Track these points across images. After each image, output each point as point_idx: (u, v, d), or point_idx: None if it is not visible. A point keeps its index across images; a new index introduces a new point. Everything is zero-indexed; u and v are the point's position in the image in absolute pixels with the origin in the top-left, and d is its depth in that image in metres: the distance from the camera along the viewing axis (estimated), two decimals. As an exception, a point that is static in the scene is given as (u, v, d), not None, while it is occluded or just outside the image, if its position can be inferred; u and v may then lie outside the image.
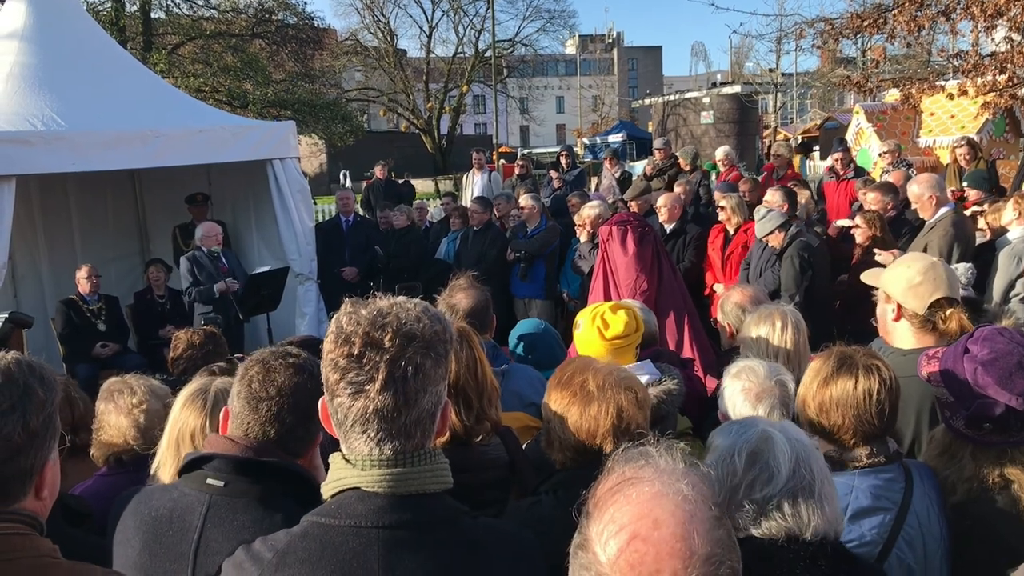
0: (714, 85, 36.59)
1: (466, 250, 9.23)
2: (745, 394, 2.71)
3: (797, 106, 40.56)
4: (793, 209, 7.40)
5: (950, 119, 14.54)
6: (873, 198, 7.37)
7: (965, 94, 11.53)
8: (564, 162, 13.58)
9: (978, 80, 10.92)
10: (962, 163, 10.18)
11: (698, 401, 3.64)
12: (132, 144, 7.68)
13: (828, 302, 6.98)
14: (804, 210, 8.33)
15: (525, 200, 9.24)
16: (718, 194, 8.86)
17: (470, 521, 1.72)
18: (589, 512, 1.28)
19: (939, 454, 2.54)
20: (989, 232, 6.60)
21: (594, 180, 17.44)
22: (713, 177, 13.02)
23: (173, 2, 29.34)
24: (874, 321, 3.82)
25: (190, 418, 2.39)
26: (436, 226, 11.67)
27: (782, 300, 6.48)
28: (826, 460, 2.31)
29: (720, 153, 12.46)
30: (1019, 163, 11.45)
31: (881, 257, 6.23)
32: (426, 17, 50.32)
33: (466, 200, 12.80)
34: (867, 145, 14.76)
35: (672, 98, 33.38)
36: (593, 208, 8.36)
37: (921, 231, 6.45)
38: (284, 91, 29.95)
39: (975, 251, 6.33)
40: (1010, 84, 10.93)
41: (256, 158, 8.61)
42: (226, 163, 8.72)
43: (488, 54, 43.59)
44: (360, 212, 13.18)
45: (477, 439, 2.52)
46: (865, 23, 11.22)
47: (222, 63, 28.65)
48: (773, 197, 7.44)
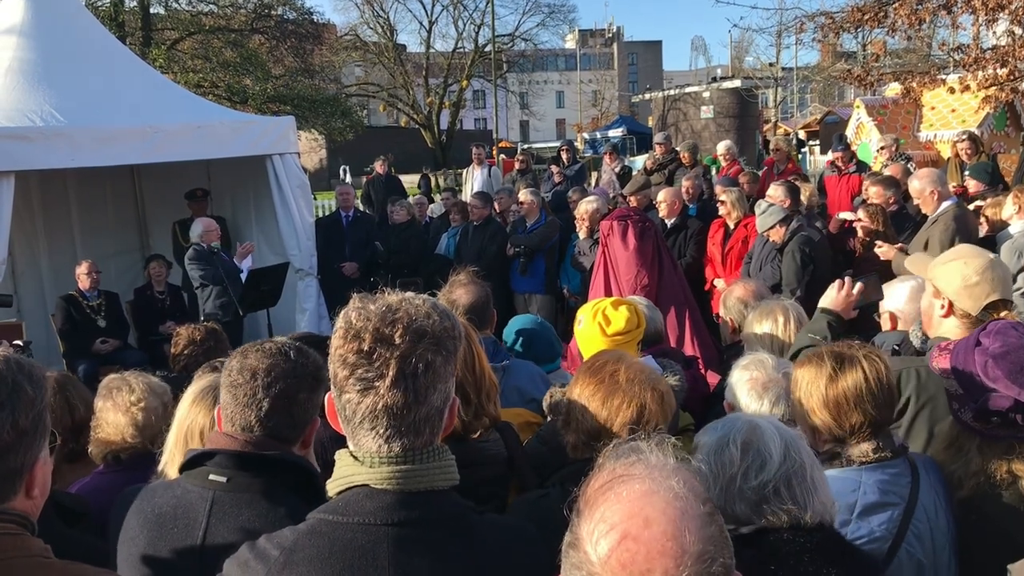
0: (714, 80, 36.51)
1: (466, 245, 9.22)
2: (752, 383, 2.73)
3: (797, 100, 40.53)
4: (796, 204, 7.37)
5: (951, 113, 14.52)
6: (875, 192, 7.35)
7: (966, 88, 11.52)
8: (565, 157, 13.58)
9: (979, 74, 10.92)
10: (963, 157, 10.16)
11: (701, 398, 3.63)
12: (131, 140, 7.67)
13: (829, 297, 6.96)
14: (808, 203, 8.32)
15: (524, 195, 9.23)
16: (719, 188, 8.85)
17: (477, 518, 1.71)
18: (580, 510, 1.27)
19: (946, 447, 2.53)
20: (987, 226, 6.59)
21: (594, 175, 17.44)
22: (714, 172, 13.01)
23: (172, -3, 29.33)
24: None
25: (199, 416, 2.38)
26: (436, 221, 11.66)
27: (783, 295, 6.49)
28: (832, 457, 2.35)
29: (721, 147, 12.45)
30: (1020, 157, 11.42)
31: (882, 251, 6.20)
32: (426, 12, 50.36)
33: (466, 195, 12.79)
34: (867, 139, 14.74)
35: (672, 93, 33.33)
36: (591, 203, 8.35)
37: (924, 225, 6.42)
38: (284, 86, 29.90)
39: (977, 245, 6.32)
40: (1011, 78, 10.93)
41: (256, 153, 8.60)
42: (226, 159, 8.71)
43: (488, 49, 43.58)
44: (360, 207, 13.17)
45: (475, 435, 2.51)
46: (866, 17, 11.21)
47: (221, 58, 28.61)
48: (776, 192, 7.42)
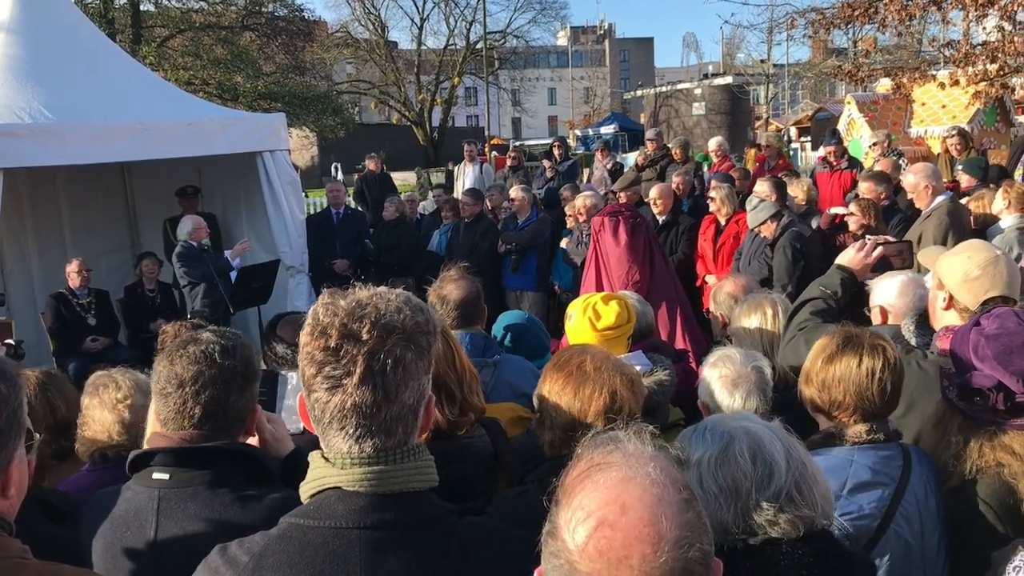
0: (705, 76, 36.53)
1: (458, 242, 9.21)
2: (722, 381, 2.73)
3: (788, 97, 40.58)
4: (783, 200, 7.39)
5: (941, 109, 14.57)
6: (867, 188, 7.37)
7: (956, 84, 11.56)
8: (557, 153, 13.59)
9: (969, 69, 10.95)
10: (953, 153, 10.19)
11: (692, 393, 3.63)
12: (122, 137, 7.64)
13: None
14: (807, 198, 8.33)
15: (516, 192, 9.23)
16: (714, 184, 8.86)
17: (455, 520, 1.67)
18: (558, 500, 1.27)
19: (934, 426, 2.56)
20: (972, 219, 6.61)
21: (586, 172, 17.44)
22: (705, 168, 13.03)
23: (162, -6, 29.19)
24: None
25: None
26: (428, 218, 11.65)
27: (774, 290, 6.50)
28: (826, 436, 2.42)
29: (713, 144, 12.46)
30: (1009, 152, 11.47)
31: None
32: (417, 9, 50.31)
33: (458, 192, 12.79)
34: (859, 135, 14.79)
35: (664, 89, 33.38)
36: (589, 198, 8.37)
37: (917, 219, 6.43)
38: (274, 83, 29.83)
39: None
40: (1001, 73, 10.96)
41: (246, 150, 8.56)
42: (216, 155, 8.68)
43: (479, 46, 43.53)
44: (352, 205, 13.14)
45: (461, 432, 2.49)
46: (856, 12, 11.22)
47: (212, 55, 28.50)
48: (762, 187, 7.43)
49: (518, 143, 40.83)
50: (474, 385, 2.56)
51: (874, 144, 10.58)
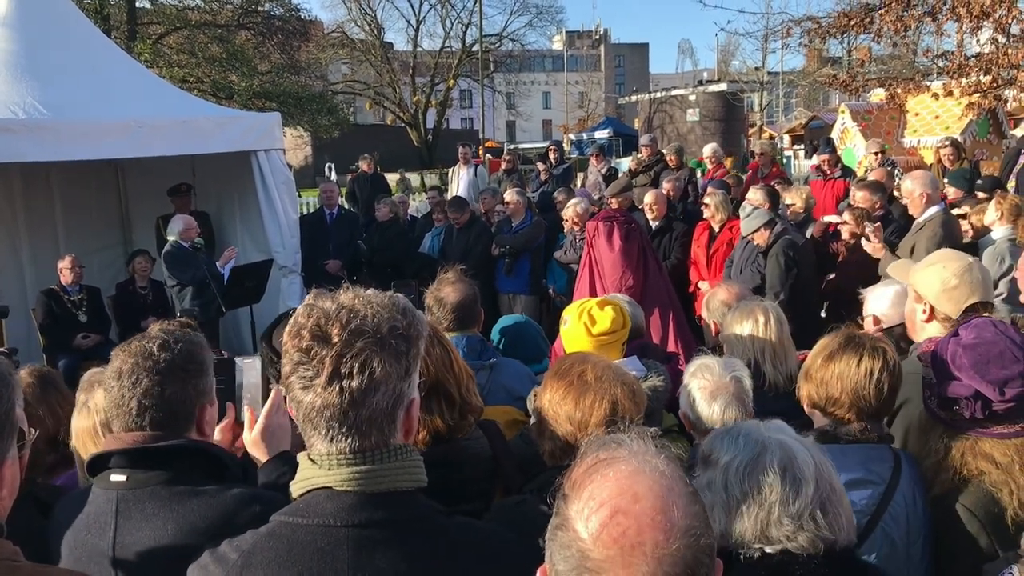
0: (700, 83, 36.73)
1: (451, 245, 9.20)
2: (701, 392, 2.74)
3: (782, 105, 40.69)
4: (775, 207, 7.42)
5: (935, 119, 14.65)
6: (861, 196, 7.40)
7: (950, 95, 11.62)
8: (552, 156, 13.60)
9: (963, 81, 11.00)
10: (946, 163, 10.24)
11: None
12: (116, 134, 7.60)
13: (813, 300, 7.00)
14: (805, 205, 8.35)
15: (510, 195, 9.23)
16: (710, 190, 8.88)
17: (444, 520, 1.67)
18: (566, 494, 1.29)
19: (917, 438, 2.59)
20: (972, 232, 6.64)
21: (580, 176, 17.47)
22: (699, 174, 13.06)
23: (158, -9, 29.15)
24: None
25: None
26: (422, 220, 11.63)
27: (767, 298, 6.51)
28: (821, 434, 2.45)
29: (708, 150, 12.49)
30: (1000, 163, 11.52)
31: (871, 246, 6.22)
32: (413, 10, 50.39)
33: (451, 195, 12.78)
34: (852, 144, 14.85)
35: (658, 95, 33.51)
36: (579, 204, 8.39)
37: (911, 230, 6.44)
38: (270, 83, 29.83)
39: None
40: (994, 85, 11.01)
41: (240, 149, 8.54)
42: (210, 154, 8.65)
43: (475, 48, 43.60)
44: (345, 205, 13.12)
45: (461, 434, 2.49)
46: (852, 22, 11.27)
47: (207, 54, 28.50)
48: (755, 195, 7.46)
49: (512, 146, 40.88)
50: (471, 385, 2.56)
51: (876, 153, 10.61)
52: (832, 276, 7.24)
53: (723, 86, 31.82)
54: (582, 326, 3.25)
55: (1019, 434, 2.33)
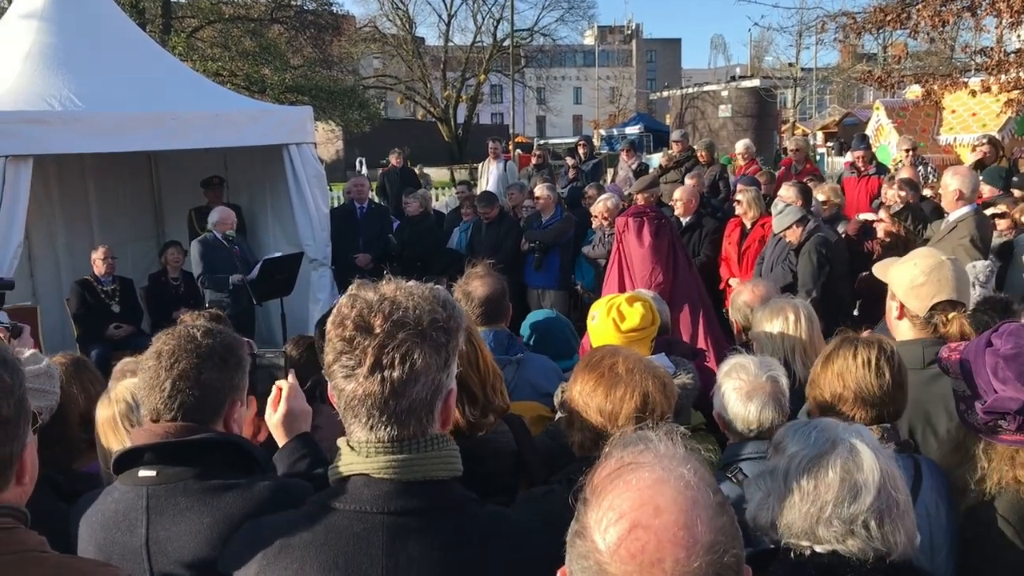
0: (733, 79, 36.40)
1: (480, 239, 9.20)
2: (737, 392, 2.70)
3: (816, 101, 40.29)
4: (808, 205, 7.33)
5: (972, 117, 14.42)
6: (892, 195, 7.30)
7: (988, 91, 11.43)
8: (582, 151, 13.56)
9: (1002, 77, 10.81)
10: (984, 161, 10.07)
11: (707, 392, 3.61)
12: (149, 126, 7.69)
13: (845, 298, 6.92)
14: (830, 203, 8.26)
15: (540, 190, 9.21)
16: (740, 186, 8.81)
17: (477, 508, 1.71)
18: (587, 499, 1.25)
19: (953, 450, 2.53)
20: (1015, 229, 6.52)
21: (610, 171, 17.40)
22: (730, 170, 12.96)
23: (193, -15, 29.40)
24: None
25: None
26: (452, 214, 11.64)
27: (799, 295, 6.44)
28: None
29: (740, 147, 12.39)
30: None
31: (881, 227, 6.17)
32: (445, 5, 50.37)
33: (481, 189, 12.78)
34: (887, 141, 14.65)
35: (690, 91, 33.26)
36: (609, 199, 8.36)
37: (941, 228, 6.32)
38: (302, 77, 29.95)
39: (996, 250, 6.26)
40: (1034, 82, 10.81)
41: (272, 142, 8.60)
42: (242, 147, 8.72)
43: (506, 43, 43.51)
44: (375, 199, 13.16)
45: (482, 432, 2.50)
46: (888, 17, 11.11)
47: (241, 48, 28.65)
48: (787, 192, 7.38)
49: (542, 141, 40.82)
50: (497, 384, 2.55)
51: (908, 150, 10.46)
52: (866, 274, 7.15)
53: (756, 82, 31.50)
54: (611, 322, 3.23)
55: None
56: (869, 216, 7.50)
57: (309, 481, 2.10)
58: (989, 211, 6.89)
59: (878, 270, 3.41)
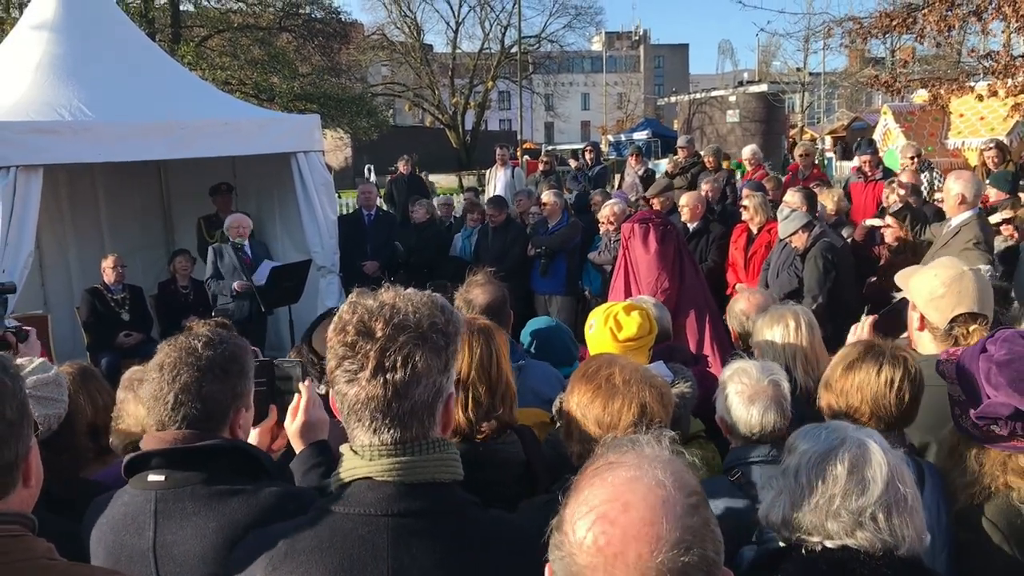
0: (740, 84, 36.40)
1: (486, 246, 9.23)
2: (739, 396, 2.72)
3: (824, 106, 40.18)
4: (812, 210, 7.33)
5: (979, 121, 14.37)
6: (895, 199, 7.29)
7: (995, 95, 11.39)
8: (588, 157, 13.58)
9: (1009, 81, 10.79)
10: (990, 166, 10.05)
11: (708, 396, 3.61)
12: (159, 135, 7.75)
13: (851, 304, 6.91)
14: (836, 208, 8.26)
15: (547, 196, 9.23)
16: (745, 192, 8.81)
17: (479, 512, 1.73)
18: (569, 494, 1.31)
19: (947, 455, 2.54)
20: (1015, 237, 6.50)
21: (617, 177, 17.42)
22: (738, 176, 12.95)
23: (202, -6, 29.57)
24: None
25: None
26: (459, 221, 11.67)
27: (804, 301, 6.44)
28: None
29: (747, 152, 12.37)
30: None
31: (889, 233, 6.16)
32: (453, 12, 50.61)
33: (488, 196, 12.79)
34: (895, 146, 14.61)
35: (698, 96, 33.25)
36: (616, 204, 8.38)
37: (943, 233, 6.27)
38: (310, 85, 30.09)
39: (1000, 255, 6.24)
40: (1042, 86, 10.78)
41: (281, 151, 8.66)
42: (251, 155, 8.78)
43: (514, 50, 43.64)
44: (383, 207, 13.20)
45: (480, 436, 2.51)
46: (894, 22, 11.10)
47: (249, 56, 28.80)
48: (792, 198, 7.37)
49: (550, 147, 40.83)
50: (507, 397, 2.58)
51: (912, 157, 10.44)
52: (874, 279, 7.15)
53: (764, 87, 31.47)
54: (608, 331, 3.24)
55: None
56: (876, 222, 7.48)
57: (321, 488, 2.12)
58: (993, 218, 6.87)
59: (900, 279, 3.41)
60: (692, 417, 3.15)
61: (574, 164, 13.23)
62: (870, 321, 3.48)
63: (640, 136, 39.23)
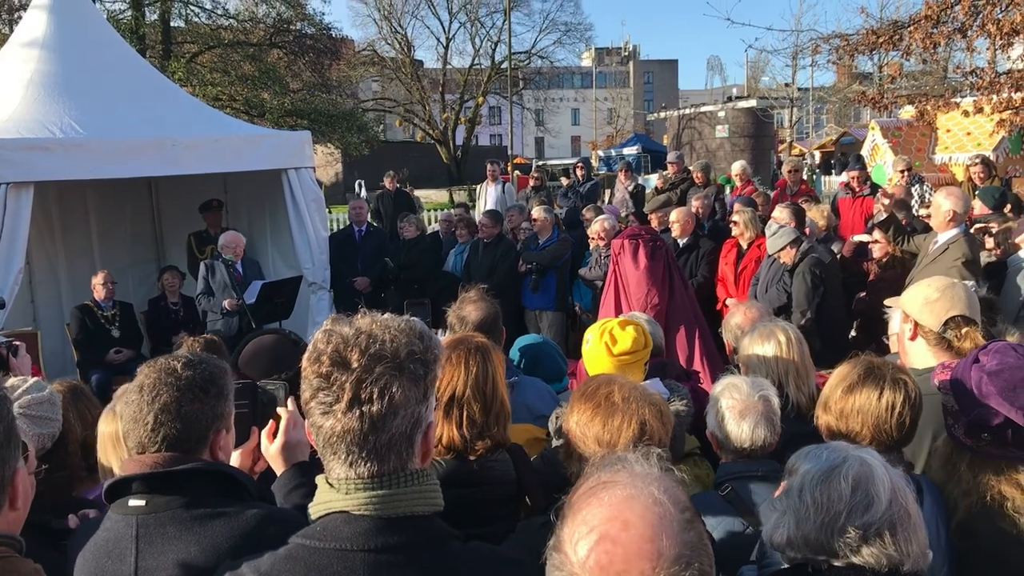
0: (730, 99, 36.56)
1: (476, 262, 9.24)
2: (730, 411, 2.73)
3: (813, 121, 40.42)
4: (800, 226, 7.38)
5: (966, 136, 14.48)
6: (877, 205, 7.34)
7: (981, 111, 11.49)
8: (579, 174, 13.63)
9: (994, 97, 10.88)
10: (976, 181, 10.14)
11: (700, 413, 3.63)
12: (149, 152, 7.76)
13: (840, 318, 6.96)
14: (826, 223, 8.31)
15: (537, 212, 9.26)
16: (737, 207, 8.86)
17: (458, 545, 1.68)
18: (564, 515, 1.31)
19: (941, 465, 2.56)
20: (999, 251, 6.55)
21: (607, 193, 17.47)
22: (727, 191, 13.01)
23: (192, 11, 29.59)
24: (885, 339, 3.82)
25: None
26: (450, 237, 11.68)
27: (793, 316, 6.48)
28: None
29: (736, 167, 12.44)
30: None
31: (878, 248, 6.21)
32: (443, 28, 50.70)
33: (479, 211, 12.82)
34: (882, 161, 14.72)
35: (687, 111, 33.38)
36: (606, 220, 8.41)
37: (930, 249, 6.31)
38: (301, 101, 30.10)
39: (985, 269, 6.28)
40: (1026, 102, 10.87)
41: (271, 167, 8.67)
42: (242, 172, 8.79)
43: (504, 66, 43.79)
44: (373, 223, 13.22)
45: (475, 454, 2.51)
46: (881, 40, 11.18)
47: (240, 72, 28.82)
48: (780, 214, 7.42)
49: (541, 163, 40.95)
50: (502, 418, 2.57)
51: (903, 171, 10.52)
52: (863, 295, 7.19)
53: (752, 102, 31.58)
54: (603, 346, 3.26)
55: None
56: (864, 237, 7.54)
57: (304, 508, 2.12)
58: (977, 227, 6.92)
59: (891, 300, 3.46)
60: (687, 435, 3.17)
61: (566, 182, 13.28)
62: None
63: (630, 151, 39.34)
